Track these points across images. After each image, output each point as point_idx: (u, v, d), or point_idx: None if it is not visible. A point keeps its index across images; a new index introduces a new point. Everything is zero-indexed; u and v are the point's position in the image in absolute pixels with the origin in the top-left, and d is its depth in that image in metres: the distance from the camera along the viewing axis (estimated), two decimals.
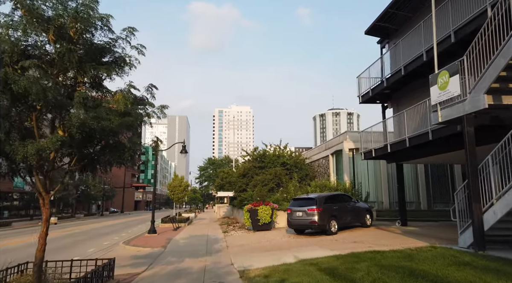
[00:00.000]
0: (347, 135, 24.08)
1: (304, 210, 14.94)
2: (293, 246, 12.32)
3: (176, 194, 27.95)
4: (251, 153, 29.56)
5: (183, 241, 15.84)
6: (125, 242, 16.11)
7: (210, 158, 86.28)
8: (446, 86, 9.21)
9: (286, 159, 28.23)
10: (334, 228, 14.91)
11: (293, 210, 15.45)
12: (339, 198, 16.07)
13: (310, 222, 14.62)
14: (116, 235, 21.23)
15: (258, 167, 28.26)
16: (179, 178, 28.81)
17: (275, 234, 16.41)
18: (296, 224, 15.35)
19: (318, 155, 29.81)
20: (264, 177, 25.39)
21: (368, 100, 17.89)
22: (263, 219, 17.87)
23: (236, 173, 29.79)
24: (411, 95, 15.44)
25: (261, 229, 18.07)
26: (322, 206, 14.82)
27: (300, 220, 15.05)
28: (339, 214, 15.30)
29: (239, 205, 25.27)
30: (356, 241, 12.29)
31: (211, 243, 14.86)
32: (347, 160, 23.71)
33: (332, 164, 26.45)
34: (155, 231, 19.22)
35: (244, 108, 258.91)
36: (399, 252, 8.29)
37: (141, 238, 17.61)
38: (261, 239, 15.19)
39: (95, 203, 59.93)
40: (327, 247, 11.39)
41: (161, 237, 17.59)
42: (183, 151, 19.99)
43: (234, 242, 14.66)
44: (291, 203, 16.10)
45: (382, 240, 11.90)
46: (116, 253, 13.38)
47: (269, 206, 18.17)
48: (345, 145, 23.82)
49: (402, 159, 15.86)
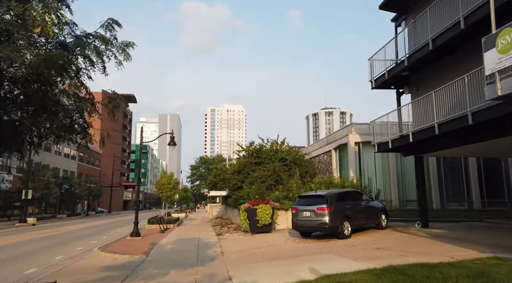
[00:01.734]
0: (352, 128, 21.97)
1: (312, 209, 12.74)
2: (303, 253, 10.10)
3: (165, 193, 25.52)
4: (246, 148, 27.28)
5: (170, 246, 13.52)
6: (101, 247, 13.72)
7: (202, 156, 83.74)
8: (510, 48, 7.08)
9: (285, 155, 26.04)
10: (348, 230, 12.73)
11: (299, 209, 13.24)
12: (351, 196, 13.92)
13: (320, 223, 12.42)
14: (95, 238, 18.79)
15: (255, 163, 26.00)
16: (168, 175, 26.39)
17: (277, 237, 14.19)
18: (303, 225, 13.13)
19: (319, 150, 27.69)
20: (261, 173, 23.14)
21: (382, 85, 15.76)
22: (262, 219, 15.63)
23: (231, 170, 27.50)
24: (438, 76, 13.33)
25: (260, 231, 15.84)
26: (334, 205, 12.64)
27: (308, 221, 12.83)
28: (352, 214, 13.14)
29: (233, 204, 23.00)
30: (379, 247, 10.13)
31: (203, 249, 12.57)
32: (353, 155, 21.60)
33: (335, 160, 24.33)
34: (139, 233, 16.85)
35: (236, 107, 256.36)
36: (460, 267, 6.11)
37: (122, 242, 15.22)
38: (261, 243, 12.96)
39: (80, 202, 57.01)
40: (346, 255, 9.20)
41: (145, 241, 15.23)
42: (171, 142, 17.65)
43: (230, 247, 12.40)
44: (296, 201, 13.88)
45: (413, 247, 9.75)
46: (86, 263, 11.01)
47: (269, 205, 15.94)
48: (350, 138, 21.70)
49: (424, 151, 13.74)
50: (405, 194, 21.70)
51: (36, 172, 37.48)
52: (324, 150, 26.36)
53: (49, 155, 48.00)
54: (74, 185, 47.22)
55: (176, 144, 17.85)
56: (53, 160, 48.88)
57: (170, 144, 17.63)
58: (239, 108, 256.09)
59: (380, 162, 22.00)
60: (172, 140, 17.71)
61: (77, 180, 49.99)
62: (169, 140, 17.74)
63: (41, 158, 44.21)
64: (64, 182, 46.76)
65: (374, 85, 15.87)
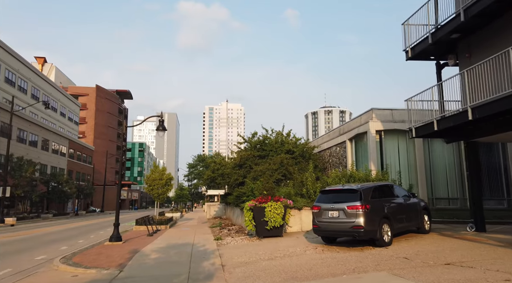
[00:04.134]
0: (373, 114, 18.90)
1: (341, 208, 9.69)
2: (339, 271, 7.07)
3: (156, 190, 22.44)
4: (248, 139, 24.21)
5: (155, 256, 10.43)
6: (66, 257, 10.62)
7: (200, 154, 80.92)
8: None
9: (292, 147, 23.02)
10: (387, 236, 9.70)
11: (323, 208, 10.17)
12: (388, 191, 10.87)
13: (353, 226, 9.37)
14: (70, 242, 15.71)
15: (258, 156, 22.98)
16: (160, 169, 23.27)
17: (292, 243, 11.15)
18: (328, 229, 10.04)
19: (330, 142, 24.65)
20: (267, 167, 20.10)
21: (422, 54, 12.72)
22: (272, 220, 12.59)
23: (231, 163, 24.42)
24: (501, 36, 10.28)
25: (269, 235, 12.80)
26: (370, 202, 9.60)
27: (336, 223, 9.77)
28: (392, 214, 10.10)
29: (235, 202, 19.94)
30: (449, 263, 7.09)
31: (197, 260, 9.52)
32: (374, 145, 18.55)
33: (351, 151, 21.29)
34: (120, 237, 13.77)
35: (235, 106, 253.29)
36: None
37: (96, 249, 12.12)
38: (273, 251, 9.93)
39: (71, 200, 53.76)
40: (410, 275, 6.17)
41: (125, 248, 12.14)
42: (159, 127, 14.56)
43: (233, 257, 9.35)
44: (318, 198, 10.78)
45: (507, 263, 6.71)
46: (34, 281, 7.92)
47: (280, 203, 12.89)
48: (371, 126, 18.65)
49: (484, 133, 10.68)
50: (434, 191, 18.70)
51: (17, 167, 34.23)
52: (336, 141, 23.32)
53: (35, 150, 44.75)
54: (61, 183, 43.96)
55: (166, 129, 14.77)
56: (39, 155, 45.63)
57: (158, 128, 14.55)
58: (238, 107, 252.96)
59: (405, 152, 18.97)
60: (161, 125, 14.63)
61: (65, 177, 46.71)
62: (158, 125, 14.66)
63: (25, 152, 41.05)
64: (51, 179, 43.51)
65: (410, 54, 12.82)
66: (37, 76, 51.19)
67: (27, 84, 47.49)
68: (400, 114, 18.99)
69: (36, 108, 50.22)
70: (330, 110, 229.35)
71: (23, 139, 41.85)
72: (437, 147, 19.02)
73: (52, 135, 50.10)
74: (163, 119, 14.72)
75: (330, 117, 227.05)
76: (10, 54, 43.35)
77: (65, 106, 62.26)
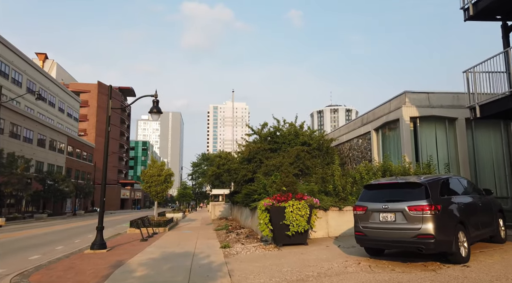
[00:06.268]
0: (406, 99, 16.06)
1: (399, 208, 6.93)
2: None
3: (154, 187, 19.79)
4: (258, 130, 21.48)
5: (141, 273, 7.74)
6: (21, 275, 7.96)
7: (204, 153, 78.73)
8: None
9: (307, 139, 20.28)
10: (464, 248, 6.93)
11: (371, 208, 7.42)
12: (458, 185, 8.08)
13: (418, 235, 6.61)
14: (45, 249, 13.15)
15: (269, 149, 20.26)
16: (158, 164, 20.61)
17: (325, 256, 8.42)
18: (381, 238, 7.23)
19: (349, 134, 21.86)
20: (280, 161, 17.37)
21: (485, 11, 9.92)
22: (295, 224, 9.86)
23: (239, 158, 21.72)
24: None
25: (290, 243, 10.08)
26: (440, 201, 6.84)
27: (391, 230, 7.01)
28: (468, 218, 7.32)
29: (243, 202, 17.24)
30: None
31: (198, 281, 6.82)
32: (408, 135, 15.74)
33: (377, 143, 18.49)
34: (104, 244, 11.15)
35: (239, 104, 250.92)
36: None
37: (67, 262, 9.46)
38: (302, 268, 7.23)
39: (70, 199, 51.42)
40: None
41: (106, 259, 9.47)
42: (153, 109, 11.89)
43: (248, 278, 6.65)
44: (362, 195, 7.97)
45: None
46: None
47: (304, 202, 10.16)
48: (404, 112, 15.84)
49: None
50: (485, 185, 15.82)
51: (8, 163, 31.77)
52: (358, 132, 20.52)
53: (30, 146, 42.35)
54: (57, 181, 41.51)
55: (161, 112, 12.11)
56: (35, 152, 43.24)
57: (152, 111, 11.89)
58: (243, 106, 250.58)
59: (444, 144, 16.13)
60: (156, 106, 11.97)
61: (62, 175, 44.27)
62: (151, 107, 12.00)
63: (19, 149, 38.66)
64: (46, 177, 41.08)
65: (472, 12, 10.02)
66: (34, 69, 48.85)
67: (22, 76, 45.12)
68: (438, 98, 16.19)
69: (32, 103, 47.88)
70: (336, 109, 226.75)
71: (16, 135, 39.44)
72: (483, 137, 16.18)
73: (49, 131, 47.71)
74: (157, 99, 12.06)
75: (336, 116, 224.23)
76: (3, 44, 41.01)
77: (64, 102, 59.94)
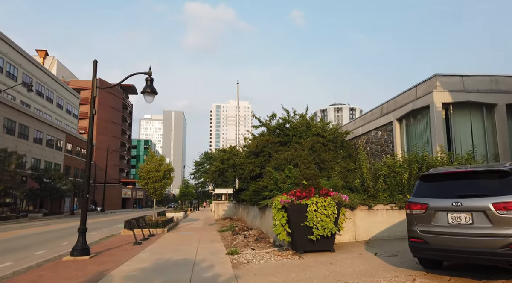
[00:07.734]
0: (437, 82, 14.07)
1: (480, 206, 4.97)
2: None
3: (151, 184, 17.93)
4: (266, 122, 19.53)
5: None
6: None
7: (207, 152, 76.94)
8: None
9: (321, 130, 18.31)
10: None
11: (434, 206, 5.45)
12: None
13: (510, 244, 4.65)
14: (22, 254, 11.32)
15: (278, 143, 18.33)
16: (157, 158, 18.74)
17: (364, 267, 6.50)
18: (451, 246, 5.20)
19: (366, 126, 19.92)
20: (292, 154, 15.44)
21: None
22: (319, 226, 7.93)
23: (245, 152, 19.80)
24: None
25: (313, 249, 8.15)
26: None
27: (467, 236, 5.03)
28: None
29: (251, 199, 15.33)
30: None
31: None
32: (440, 123, 13.76)
33: (400, 135, 16.52)
34: (87, 250, 9.28)
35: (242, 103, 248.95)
36: None
37: (37, 272, 7.59)
38: None
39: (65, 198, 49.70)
40: None
41: (85, 270, 7.59)
42: (146, 89, 9.99)
43: None
44: (418, 188, 5.96)
45: None
46: None
47: (330, 198, 8.23)
48: (435, 98, 13.86)
49: None
50: None
51: (2, 160, 30.03)
52: (377, 123, 18.57)
53: (25, 142, 40.61)
54: (55, 179, 39.77)
55: (156, 92, 10.20)
56: (31, 149, 41.52)
57: (145, 91, 10.01)
58: (245, 105, 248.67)
59: (482, 133, 14.16)
60: (149, 86, 10.09)
61: (59, 172, 42.52)
62: (145, 86, 10.13)
63: (13, 145, 36.96)
64: (43, 175, 39.35)
65: None
66: (30, 63, 47.11)
67: (17, 70, 43.38)
68: (474, 82, 14.22)
69: (29, 98, 46.19)
70: (339, 108, 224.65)
71: (11, 130, 37.73)
72: None
73: (46, 127, 45.98)
74: (151, 77, 10.16)
75: (340, 115, 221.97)
76: None
77: (63, 98, 58.23)
